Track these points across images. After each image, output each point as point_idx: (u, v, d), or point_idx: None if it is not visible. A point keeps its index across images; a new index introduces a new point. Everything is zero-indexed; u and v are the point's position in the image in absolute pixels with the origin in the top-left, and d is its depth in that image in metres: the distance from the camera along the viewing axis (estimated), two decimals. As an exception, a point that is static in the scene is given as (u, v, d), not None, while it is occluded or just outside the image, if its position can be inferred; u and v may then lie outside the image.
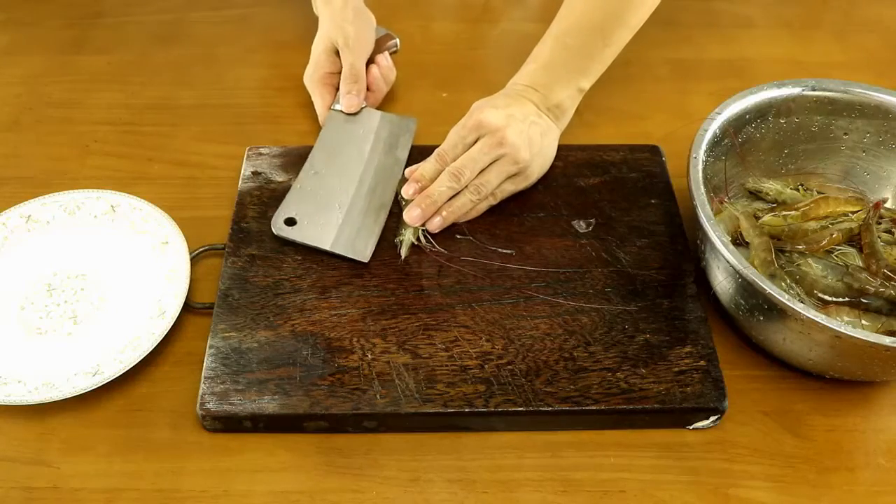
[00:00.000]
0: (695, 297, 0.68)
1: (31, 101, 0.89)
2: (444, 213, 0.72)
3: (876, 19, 1.02)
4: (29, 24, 1.00)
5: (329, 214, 0.74)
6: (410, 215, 0.72)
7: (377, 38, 0.87)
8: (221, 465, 0.61)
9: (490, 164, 0.72)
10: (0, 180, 0.81)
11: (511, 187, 0.75)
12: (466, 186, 0.72)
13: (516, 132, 0.72)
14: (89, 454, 0.61)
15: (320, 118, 0.83)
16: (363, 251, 0.71)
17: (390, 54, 0.88)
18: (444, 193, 0.72)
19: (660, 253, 0.72)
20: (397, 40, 0.89)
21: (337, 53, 0.83)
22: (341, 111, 0.82)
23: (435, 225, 0.72)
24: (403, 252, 0.71)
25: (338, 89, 0.84)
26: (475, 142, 0.73)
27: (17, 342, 0.67)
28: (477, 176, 0.72)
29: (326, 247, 0.71)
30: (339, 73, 0.84)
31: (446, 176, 0.72)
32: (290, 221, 0.72)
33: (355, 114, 0.82)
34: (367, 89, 0.85)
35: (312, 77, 0.84)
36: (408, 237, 0.71)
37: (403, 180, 0.75)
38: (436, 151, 0.74)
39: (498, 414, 0.61)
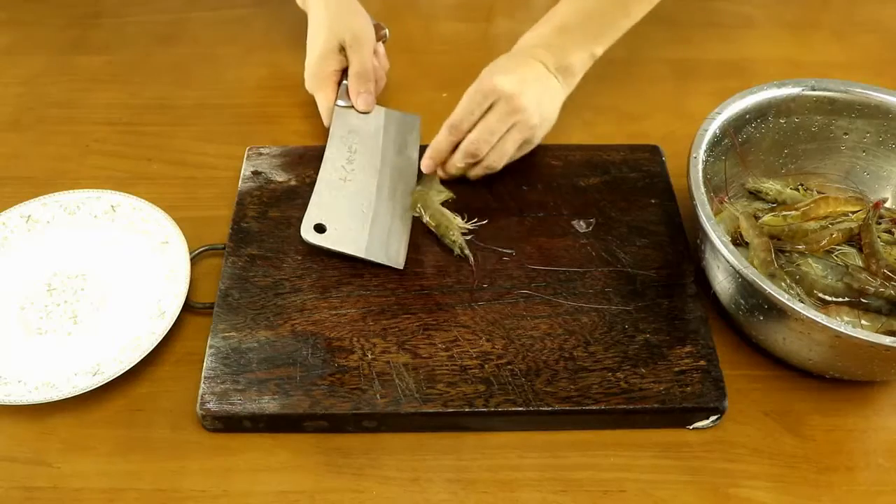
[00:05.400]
0: (695, 297, 0.68)
1: (32, 101, 0.90)
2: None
3: (876, 19, 1.02)
4: (29, 24, 1.00)
5: (356, 219, 0.73)
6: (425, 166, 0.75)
7: None
8: (221, 465, 0.61)
9: (505, 133, 0.72)
10: (0, 180, 0.81)
11: (518, 154, 0.76)
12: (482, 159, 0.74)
13: (529, 97, 0.72)
14: (89, 454, 0.61)
15: (325, 117, 0.82)
16: (397, 258, 0.71)
17: (382, 43, 0.88)
18: (461, 169, 0.74)
19: (660, 253, 0.72)
20: (387, 30, 0.88)
21: (341, 51, 0.82)
22: (347, 108, 0.82)
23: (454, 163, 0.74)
24: (468, 253, 0.71)
25: (339, 86, 0.83)
26: (489, 108, 0.72)
27: (17, 342, 0.67)
28: (493, 148, 0.73)
29: (360, 254, 0.70)
30: (342, 70, 0.83)
31: (463, 152, 0.73)
32: (320, 228, 0.71)
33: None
34: None
35: (316, 76, 0.82)
36: (460, 240, 0.71)
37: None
38: (448, 122, 0.73)
39: (498, 414, 0.61)
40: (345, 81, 0.83)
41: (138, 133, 0.86)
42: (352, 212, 0.73)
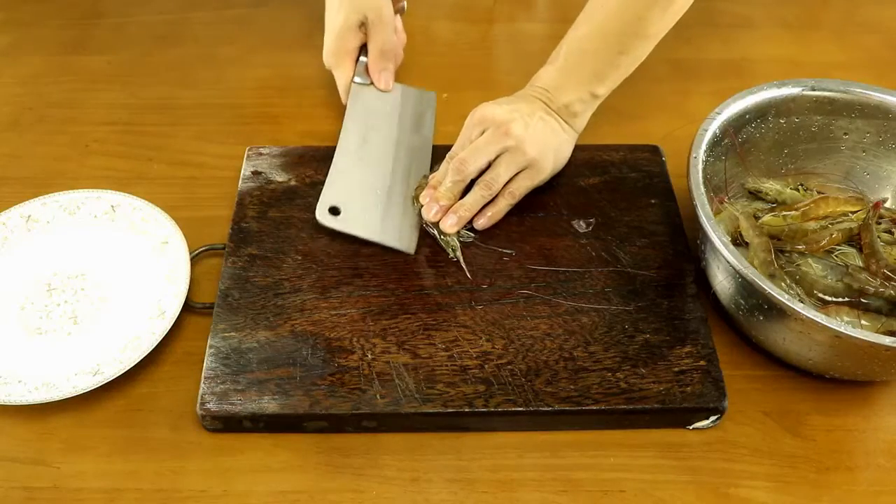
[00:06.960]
0: (695, 297, 0.68)
1: (31, 101, 0.90)
2: (459, 212, 0.72)
3: (876, 19, 1.02)
4: (29, 24, 1.00)
5: (370, 201, 0.73)
6: (427, 214, 0.72)
7: None
8: (221, 465, 0.61)
9: (496, 157, 0.72)
10: (0, 180, 0.81)
11: (527, 183, 0.74)
12: (477, 183, 0.72)
13: (521, 125, 0.72)
14: (89, 454, 0.61)
15: (343, 94, 0.82)
16: (409, 243, 0.71)
17: (400, 16, 0.87)
18: (450, 189, 0.72)
19: (660, 253, 0.72)
20: (405, 2, 0.88)
21: (361, 27, 0.81)
22: (364, 85, 0.81)
23: (449, 224, 0.71)
24: (460, 256, 0.71)
25: (356, 62, 0.83)
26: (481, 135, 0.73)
27: (17, 342, 0.67)
28: (486, 171, 0.72)
29: (374, 238, 0.70)
30: (360, 46, 0.83)
31: (451, 171, 0.72)
32: (334, 210, 0.71)
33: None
34: None
35: (336, 52, 0.82)
36: (453, 241, 0.71)
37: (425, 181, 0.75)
38: (448, 154, 0.74)
39: (498, 414, 0.61)
40: (362, 58, 0.83)
41: (138, 133, 0.86)
42: (366, 194, 0.74)
